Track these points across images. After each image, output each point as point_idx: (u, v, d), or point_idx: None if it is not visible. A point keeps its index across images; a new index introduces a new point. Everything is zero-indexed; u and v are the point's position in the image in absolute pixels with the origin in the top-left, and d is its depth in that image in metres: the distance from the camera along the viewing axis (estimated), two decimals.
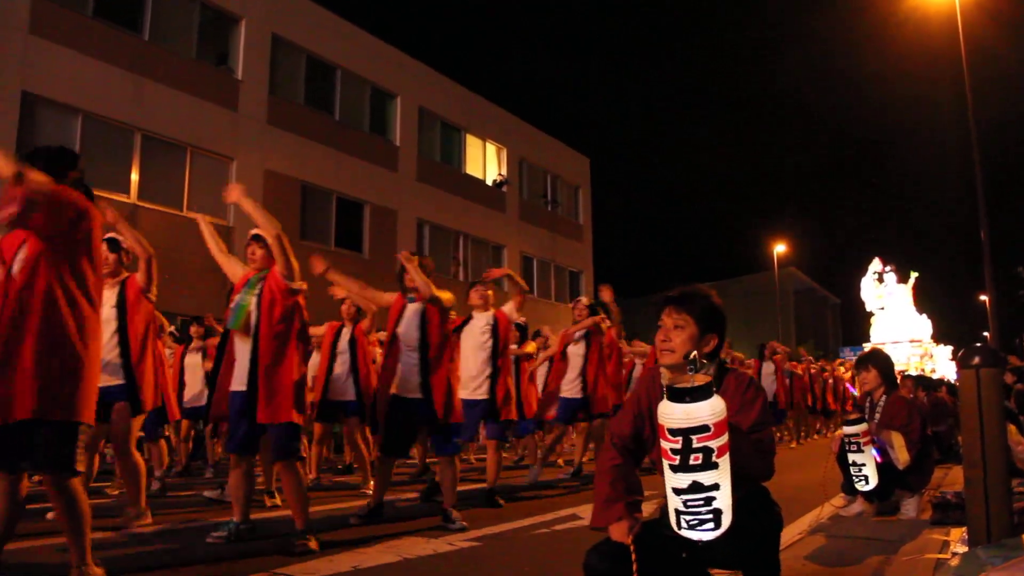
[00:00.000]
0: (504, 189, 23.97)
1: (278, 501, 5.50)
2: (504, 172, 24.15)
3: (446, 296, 4.90)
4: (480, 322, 5.89)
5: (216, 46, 16.15)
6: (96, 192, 3.36)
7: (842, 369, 17.47)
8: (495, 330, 5.81)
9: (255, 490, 4.51)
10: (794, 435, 13.30)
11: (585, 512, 4.88)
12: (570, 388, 7.26)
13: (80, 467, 2.83)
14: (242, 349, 4.05)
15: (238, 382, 4.04)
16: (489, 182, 23.69)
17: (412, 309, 4.86)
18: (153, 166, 14.20)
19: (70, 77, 12.87)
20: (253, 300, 4.04)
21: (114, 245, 4.58)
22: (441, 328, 4.85)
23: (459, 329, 5.87)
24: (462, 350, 5.83)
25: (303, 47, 17.68)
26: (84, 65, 13.14)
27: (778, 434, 12.68)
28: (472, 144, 23.22)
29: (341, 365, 6.58)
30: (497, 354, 5.79)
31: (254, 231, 4.21)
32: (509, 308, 5.93)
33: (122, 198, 13.28)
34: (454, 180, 22.08)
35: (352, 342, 6.61)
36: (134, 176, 13.82)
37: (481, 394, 5.74)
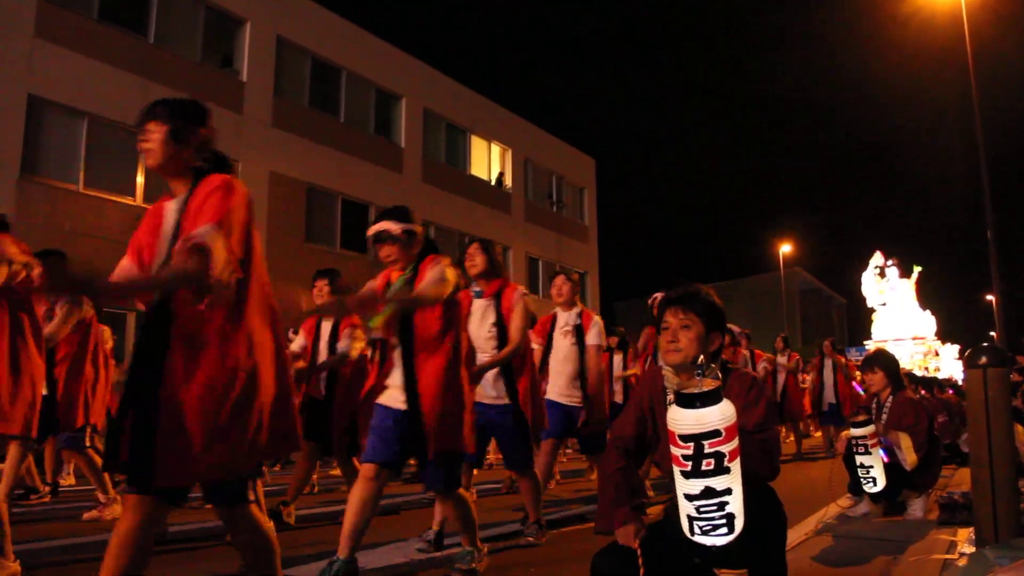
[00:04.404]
0: (506, 184, 23.93)
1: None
2: (507, 172, 24.14)
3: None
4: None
5: (221, 48, 16.20)
6: (103, 195, 3.30)
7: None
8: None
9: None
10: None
11: (592, 514, 4.85)
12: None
13: None
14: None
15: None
16: (493, 182, 23.71)
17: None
18: None
19: (76, 80, 12.93)
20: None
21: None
22: None
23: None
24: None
25: (308, 49, 17.72)
26: (90, 68, 13.19)
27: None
28: (477, 145, 23.23)
29: None
30: None
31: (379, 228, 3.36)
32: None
33: (128, 201, 13.32)
34: (459, 181, 22.09)
35: None
36: (140, 179, 13.82)
37: None
